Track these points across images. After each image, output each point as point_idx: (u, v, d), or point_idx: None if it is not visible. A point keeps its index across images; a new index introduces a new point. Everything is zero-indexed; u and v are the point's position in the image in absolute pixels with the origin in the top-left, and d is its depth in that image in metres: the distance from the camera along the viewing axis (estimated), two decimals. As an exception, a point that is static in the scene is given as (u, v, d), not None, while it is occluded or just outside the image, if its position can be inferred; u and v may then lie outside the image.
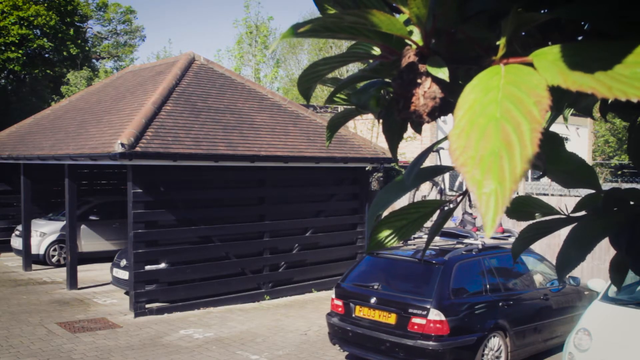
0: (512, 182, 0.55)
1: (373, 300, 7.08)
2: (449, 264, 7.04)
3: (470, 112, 0.61)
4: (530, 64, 0.63)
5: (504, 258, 7.86)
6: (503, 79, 0.62)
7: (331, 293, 8.00)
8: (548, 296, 8.06)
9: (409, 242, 8.17)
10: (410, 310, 6.70)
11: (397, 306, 6.85)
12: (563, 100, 1.04)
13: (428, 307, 6.59)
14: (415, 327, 6.63)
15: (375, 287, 7.35)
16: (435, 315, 6.52)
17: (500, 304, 7.26)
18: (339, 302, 7.51)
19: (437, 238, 7.65)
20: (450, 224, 9.55)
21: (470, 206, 9.41)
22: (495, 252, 7.83)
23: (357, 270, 7.84)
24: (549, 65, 0.61)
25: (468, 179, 0.57)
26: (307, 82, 0.94)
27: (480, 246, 7.64)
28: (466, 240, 8.00)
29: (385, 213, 1.05)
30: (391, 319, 6.85)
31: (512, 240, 8.08)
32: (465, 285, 7.22)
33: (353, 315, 7.29)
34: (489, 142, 0.57)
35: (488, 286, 7.30)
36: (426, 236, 7.78)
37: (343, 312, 7.42)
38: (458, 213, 9.49)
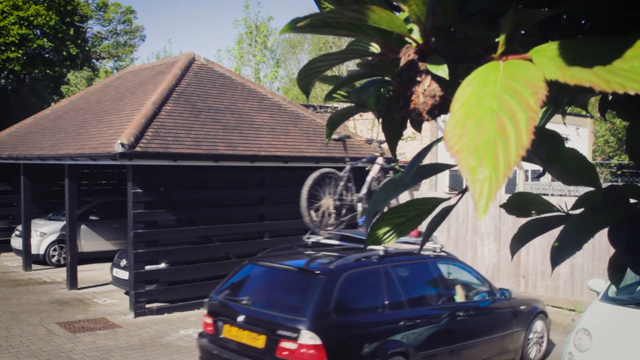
0: (505, 169, 0.56)
1: (242, 318, 5.80)
2: (333, 274, 5.76)
3: (467, 104, 0.61)
4: (530, 61, 0.64)
5: (414, 267, 6.73)
6: (501, 73, 0.62)
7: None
8: (472, 313, 6.83)
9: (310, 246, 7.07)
10: (280, 332, 5.44)
11: (266, 326, 5.60)
12: (561, 97, 1.04)
13: (300, 328, 5.30)
14: (285, 352, 5.37)
15: (245, 302, 6.13)
16: (308, 338, 5.26)
17: (402, 323, 5.96)
18: (209, 320, 6.23)
19: (340, 242, 6.89)
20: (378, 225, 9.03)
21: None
22: (402, 260, 6.58)
23: (233, 280, 6.54)
24: (547, 61, 0.61)
25: (462, 166, 0.58)
26: (306, 77, 0.94)
27: (381, 252, 6.34)
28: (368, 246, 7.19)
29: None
30: (260, 341, 5.59)
31: (434, 246, 7.00)
32: (355, 300, 6.01)
33: (220, 336, 6.04)
34: (484, 131, 0.58)
35: (387, 302, 6.00)
36: (337, 242, 6.68)
37: (212, 332, 6.16)
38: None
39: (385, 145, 13.07)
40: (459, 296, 7.04)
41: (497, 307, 7.23)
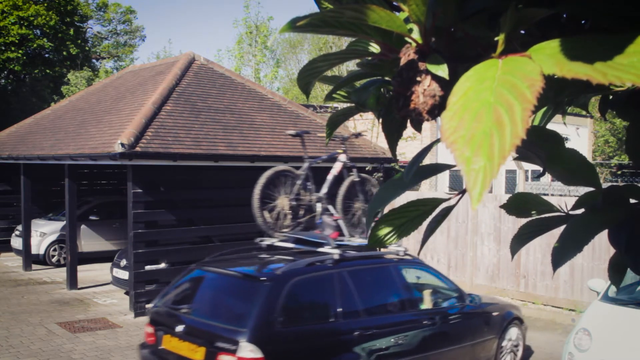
0: (500, 158, 0.56)
1: (182, 328, 5.35)
2: (279, 280, 5.29)
3: (465, 97, 0.62)
4: (529, 58, 0.64)
5: (374, 272, 6.24)
6: (500, 70, 0.63)
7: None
8: (438, 320, 6.36)
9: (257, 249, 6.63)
10: (219, 344, 5.01)
11: (206, 337, 5.18)
12: (562, 97, 1.04)
13: (239, 339, 4.85)
14: None
15: (187, 310, 5.66)
16: (248, 351, 4.81)
17: (358, 333, 5.49)
18: (150, 329, 5.76)
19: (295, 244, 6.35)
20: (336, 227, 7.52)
21: (328, 203, 7.37)
22: (361, 265, 6.12)
23: (178, 286, 6.07)
24: (546, 57, 0.62)
25: (457, 157, 0.58)
26: (306, 77, 0.94)
27: (336, 257, 5.79)
28: (321, 249, 6.03)
29: (385, 211, 1.05)
30: (199, 354, 5.17)
31: (397, 249, 6.58)
32: (305, 309, 5.62)
33: (160, 348, 5.61)
34: (481, 123, 0.59)
35: (342, 310, 5.52)
36: (293, 245, 6.23)
37: (153, 343, 5.70)
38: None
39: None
40: (425, 302, 6.57)
41: (466, 314, 6.75)
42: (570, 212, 1.11)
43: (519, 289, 11.10)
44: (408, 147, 11.24)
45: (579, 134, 22.59)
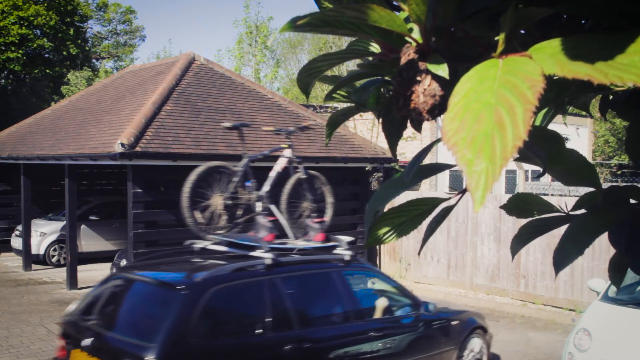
0: (502, 160, 0.56)
1: (90, 342, 4.77)
2: (197, 288, 4.71)
3: (466, 98, 0.61)
4: (529, 58, 0.64)
5: (314, 278, 5.69)
6: (500, 70, 0.62)
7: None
8: (389, 331, 5.82)
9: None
10: None
11: (113, 353, 4.63)
12: (563, 97, 1.04)
13: (146, 357, 4.27)
14: None
15: (97, 322, 5.02)
16: None
17: (289, 347, 4.91)
18: (61, 343, 5.17)
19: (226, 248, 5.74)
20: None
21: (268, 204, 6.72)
22: (297, 271, 5.52)
23: (94, 294, 5.40)
24: (546, 57, 0.61)
25: (459, 159, 0.58)
26: (306, 77, 0.94)
27: (269, 262, 5.17)
28: (253, 253, 5.37)
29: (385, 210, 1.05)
30: None
31: (343, 251, 5.95)
32: (227, 321, 5.03)
33: None
34: (482, 124, 0.58)
35: (272, 321, 4.92)
36: (226, 248, 5.53)
37: (63, 358, 5.12)
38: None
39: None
40: (373, 312, 6.01)
41: (421, 323, 6.19)
42: (571, 213, 1.11)
43: (519, 289, 11.10)
44: (408, 147, 11.25)
45: (579, 134, 22.59)
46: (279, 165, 6.92)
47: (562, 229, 1.09)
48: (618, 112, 1.13)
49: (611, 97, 1.13)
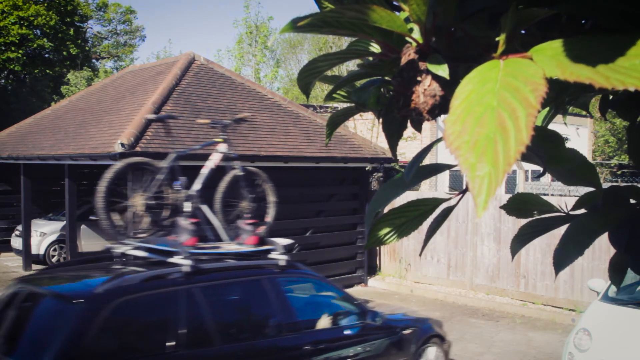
0: (505, 165, 0.56)
1: None
2: (97, 301, 4.15)
3: (467, 101, 0.61)
4: (530, 59, 0.63)
5: (244, 286, 5.18)
6: (501, 71, 0.62)
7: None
8: (327, 344, 5.27)
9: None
10: None
11: None
12: (563, 97, 1.04)
13: None
14: None
15: None
16: None
17: None
18: None
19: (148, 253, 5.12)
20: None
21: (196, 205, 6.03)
22: (221, 279, 4.96)
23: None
24: (547, 59, 0.61)
25: (462, 163, 0.58)
26: (306, 77, 0.94)
27: (187, 269, 4.60)
28: (171, 260, 4.79)
29: (385, 210, 1.05)
30: None
31: (278, 255, 5.38)
32: (133, 337, 4.45)
33: None
34: (484, 128, 0.58)
35: (187, 336, 4.38)
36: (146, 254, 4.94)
37: None
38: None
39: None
40: (312, 322, 5.47)
41: (368, 334, 5.65)
42: (571, 213, 1.11)
43: (519, 289, 11.11)
44: (408, 147, 11.25)
45: (579, 134, 22.59)
46: (212, 162, 6.29)
47: (562, 229, 1.09)
48: (618, 112, 1.13)
49: (611, 97, 1.13)
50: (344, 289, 6.89)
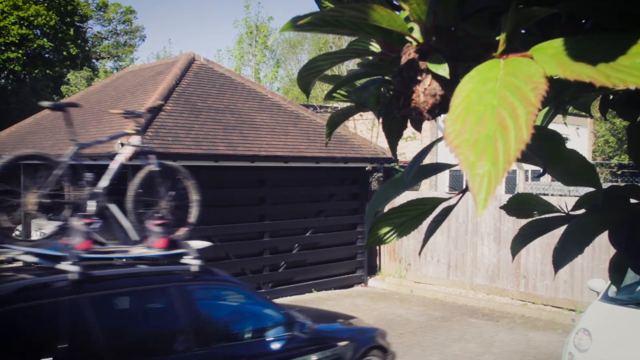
0: (505, 163, 0.56)
1: None
2: None
3: (467, 100, 0.61)
4: (530, 58, 0.63)
5: (147, 295, 4.58)
6: (502, 70, 0.62)
7: (332, 293, 6.50)
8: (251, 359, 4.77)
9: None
10: None
11: None
12: (563, 97, 1.04)
13: None
14: None
15: None
16: None
17: None
18: None
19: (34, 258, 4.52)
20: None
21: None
22: (121, 286, 4.35)
23: None
24: (548, 58, 0.61)
25: (462, 161, 0.58)
26: (306, 76, 0.94)
27: (74, 276, 3.98)
28: (59, 266, 4.14)
29: (385, 210, 1.05)
30: None
31: (191, 260, 4.88)
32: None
33: None
34: (484, 126, 0.58)
35: (69, 355, 3.79)
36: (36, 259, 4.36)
37: None
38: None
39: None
40: (230, 335, 4.99)
41: (295, 348, 5.07)
42: (571, 213, 1.11)
43: (519, 289, 11.11)
44: (408, 147, 11.25)
45: (579, 134, 22.58)
46: (122, 156, 5.72)
47: (562, 229, 1.09)
48: (618, 112, 1.13)
49: (611, 97, 1.13)
50: (344, 288, 6.60)
